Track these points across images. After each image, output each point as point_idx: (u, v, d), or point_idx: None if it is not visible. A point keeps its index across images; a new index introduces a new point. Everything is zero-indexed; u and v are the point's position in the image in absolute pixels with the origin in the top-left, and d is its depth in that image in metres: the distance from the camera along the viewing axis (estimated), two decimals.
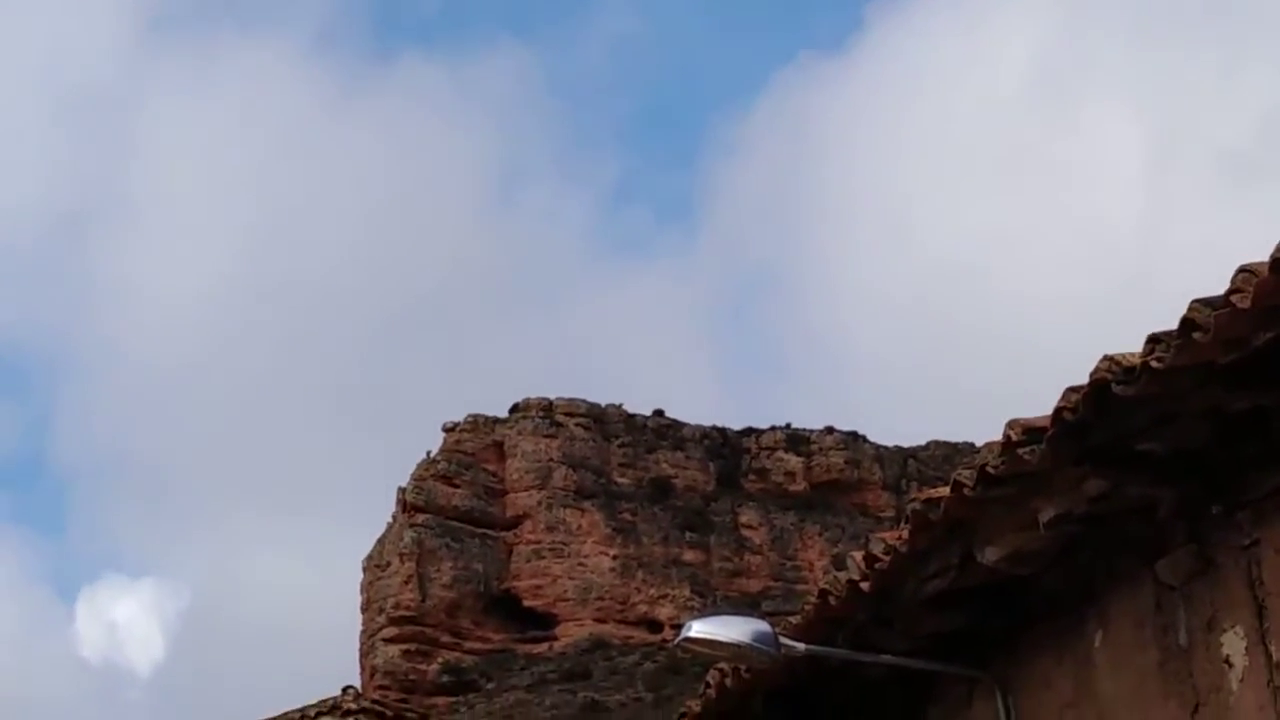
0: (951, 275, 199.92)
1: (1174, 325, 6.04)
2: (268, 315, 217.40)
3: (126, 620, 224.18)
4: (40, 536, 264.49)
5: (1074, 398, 6.45)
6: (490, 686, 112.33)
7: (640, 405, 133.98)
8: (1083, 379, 6.47)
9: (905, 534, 7.82)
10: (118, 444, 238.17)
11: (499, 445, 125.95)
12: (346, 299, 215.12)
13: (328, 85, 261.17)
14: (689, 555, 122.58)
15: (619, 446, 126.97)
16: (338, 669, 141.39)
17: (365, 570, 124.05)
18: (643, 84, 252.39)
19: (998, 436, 6.95)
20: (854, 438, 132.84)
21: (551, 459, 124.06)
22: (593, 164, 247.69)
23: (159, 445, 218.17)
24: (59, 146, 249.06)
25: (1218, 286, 5.81)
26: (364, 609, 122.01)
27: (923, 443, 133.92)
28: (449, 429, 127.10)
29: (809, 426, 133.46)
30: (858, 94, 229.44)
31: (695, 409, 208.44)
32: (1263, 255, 5.60)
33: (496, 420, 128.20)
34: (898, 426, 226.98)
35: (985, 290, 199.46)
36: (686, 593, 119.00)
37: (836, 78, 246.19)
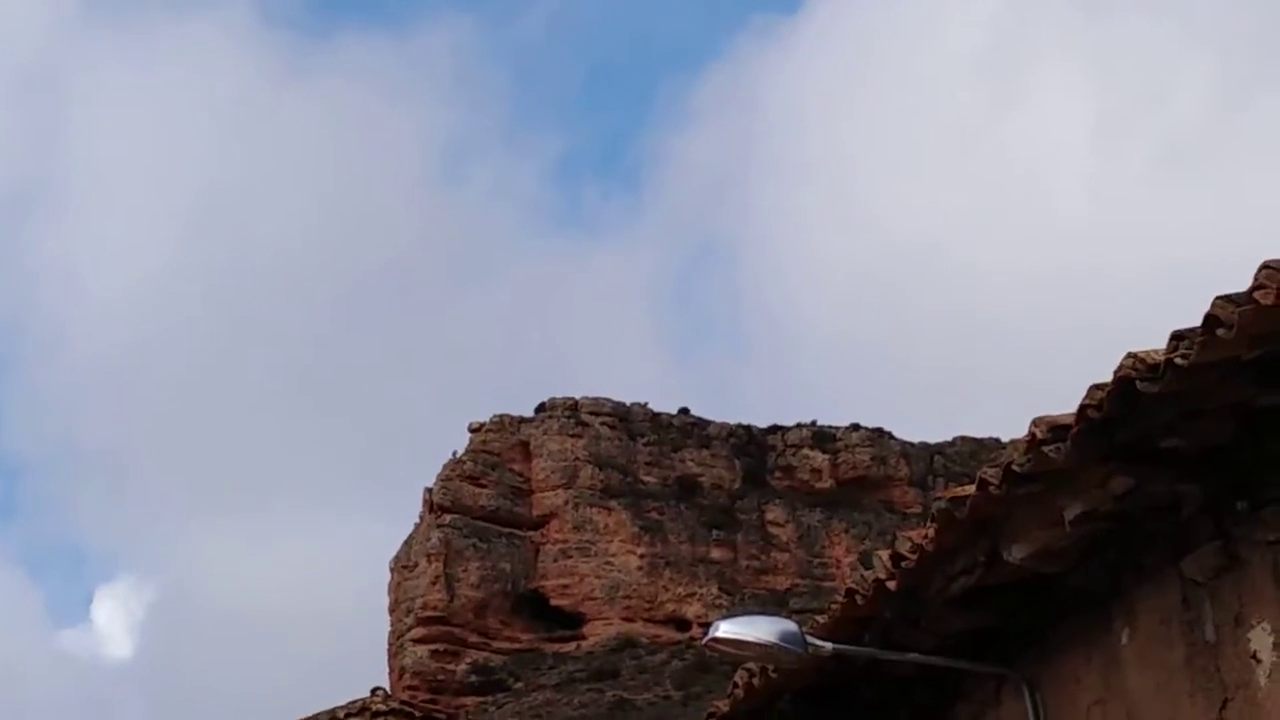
0: (903, 251, 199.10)
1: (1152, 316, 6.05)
2: (214, 297, 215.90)
3: (96, 612, 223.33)
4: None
5: (1099, 395, 6.45)
6: (518, 686, 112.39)
7: (597, 388, 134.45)
8: (1101, 375, 6.47)
9: (931, 532, 7.82)
10: (69, 432, 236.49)
11: (525, 445, 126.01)
12: (292, 279, 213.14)
13: (269, 62, 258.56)
14: (716, 553, 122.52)
15: (645, 445, 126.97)
16: (316, 658, 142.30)
17: (393, 571, 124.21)
18: (589, 51, 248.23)
19: (1023, 433, 6.95)
20: (880, 434, 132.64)
21: (578, 458, 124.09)
22: (540, 136, 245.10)
23: (112, 433, 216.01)
24: None
25: (1171, 268, 5.82)
26: (392, 610, 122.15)
27: (949, 438, 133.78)
28: (475, 429, 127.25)
29: (834, 423, 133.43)
30: (809, 61, 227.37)
31: (709, 405, 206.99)
32: (1216, 234, 5.59)
33: (522, 419, 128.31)
34: (920, 421, 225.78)
35: (939, 267, 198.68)
36: (714, 591, 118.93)
37: (788, 43, 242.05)
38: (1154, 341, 6.24)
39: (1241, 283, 5.76)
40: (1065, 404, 6.69)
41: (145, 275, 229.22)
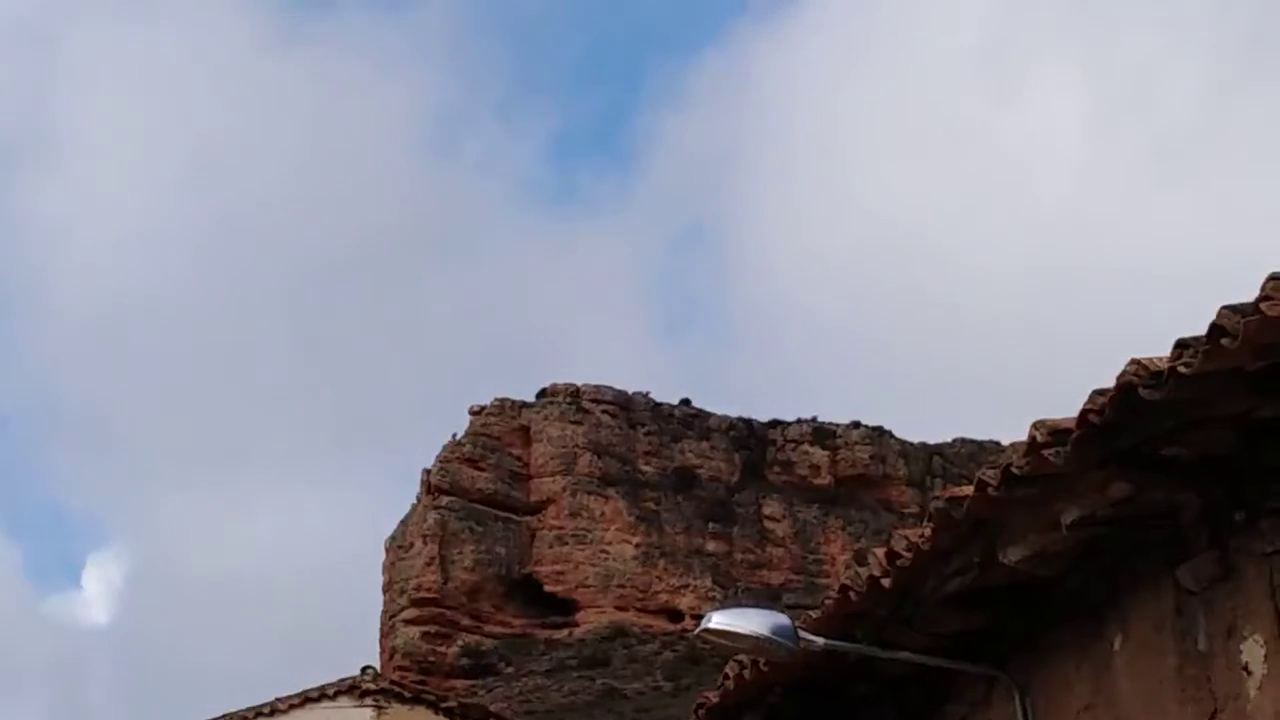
0: (894, 244, 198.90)
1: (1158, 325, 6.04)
2: (201, 260, 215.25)
3: (87, 579, 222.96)
4: None
5: (1100, 400, 6.44)
6: (509, 670, 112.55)
7: (585, 371, 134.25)
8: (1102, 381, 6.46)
9: (928, 532, 7.83)
10: (51, 390, 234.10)
11: (525, 429, 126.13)
12: (280, 245, 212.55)
13: (264, 24, 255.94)
14: (711, 545, 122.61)
15: (645, 435, 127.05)
16: (294, 630, 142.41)
17: (387, 551, 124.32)
18: (586, 28, 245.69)
19: (1023, 436, 6.95)
20: (880, 433, 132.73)
21: (577, 445, 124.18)
22: (534, 112, 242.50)
23: (95, 393, 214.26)
24: None
25: (1163, 268, 5.82)
26: (385, 590, 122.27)
27: (949, 439, 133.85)
28: (475, 411, 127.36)
29: (835, 420, 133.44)
30: (804, 49, 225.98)
31: (697, 391, 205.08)
32: (1204, 234, 5.59)
33: (523, 404, 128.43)
34: (921, 420, 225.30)
35: (930, 260, 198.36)
36: (708, 583, 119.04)
37: (784, 30, 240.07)
38: (1153, 346, 6.25)
39: (1246, 291, 5.77)
40: (1067, 409, 6.70)
41: (131, 234, 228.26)
